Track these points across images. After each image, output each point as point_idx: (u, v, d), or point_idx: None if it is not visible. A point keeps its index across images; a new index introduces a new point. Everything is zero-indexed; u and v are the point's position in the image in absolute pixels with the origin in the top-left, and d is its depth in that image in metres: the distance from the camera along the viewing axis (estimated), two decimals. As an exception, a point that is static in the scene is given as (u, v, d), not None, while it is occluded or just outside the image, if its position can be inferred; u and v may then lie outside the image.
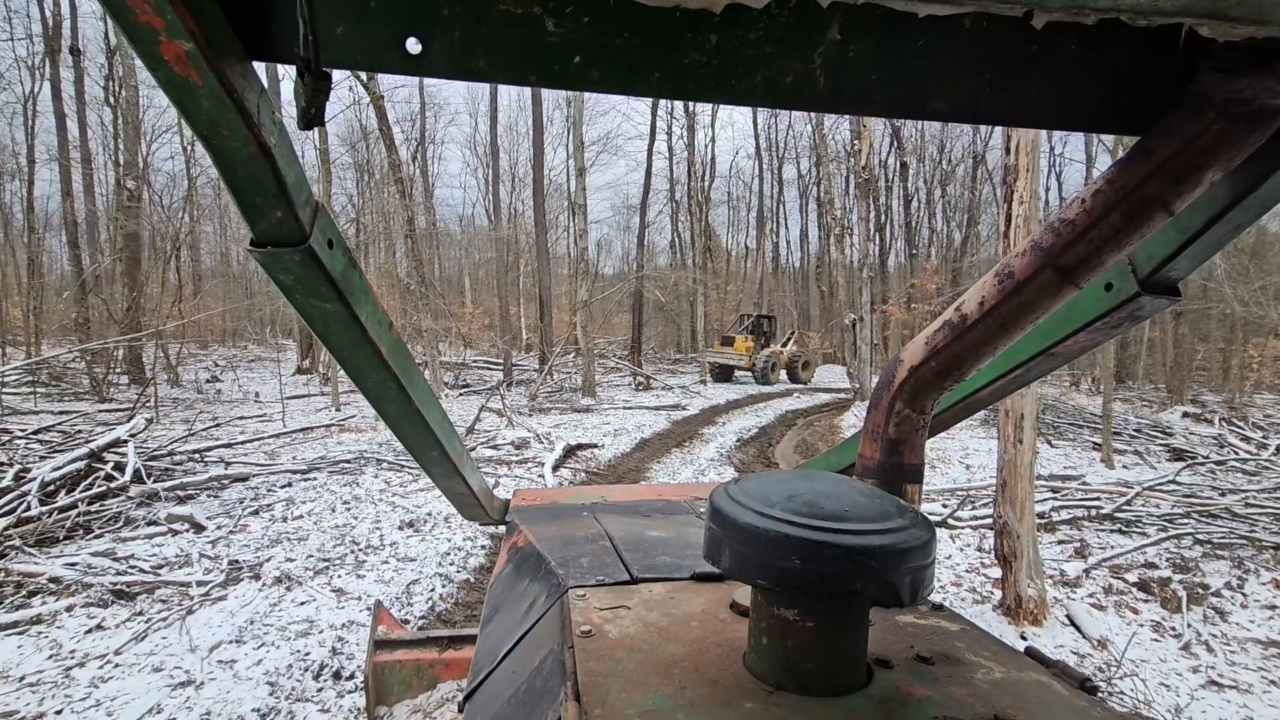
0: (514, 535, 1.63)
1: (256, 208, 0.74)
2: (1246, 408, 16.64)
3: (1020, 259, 0.83)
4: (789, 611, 0.78)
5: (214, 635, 4.16)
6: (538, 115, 22.55)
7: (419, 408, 1.22)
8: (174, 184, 22.65)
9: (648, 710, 0.75)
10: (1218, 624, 4.79)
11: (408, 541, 6.06)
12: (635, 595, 1.08)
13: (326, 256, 0.84)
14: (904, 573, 0.72)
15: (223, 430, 10.66)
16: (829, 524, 0.73)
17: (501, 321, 25.04)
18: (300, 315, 0.95)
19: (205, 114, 0.61)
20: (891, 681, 0.82)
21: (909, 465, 1.03)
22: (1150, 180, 0.70)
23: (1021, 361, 1.19)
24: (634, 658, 0.87)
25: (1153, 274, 0.95)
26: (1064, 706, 0.79)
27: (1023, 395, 4.48)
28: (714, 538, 0.80)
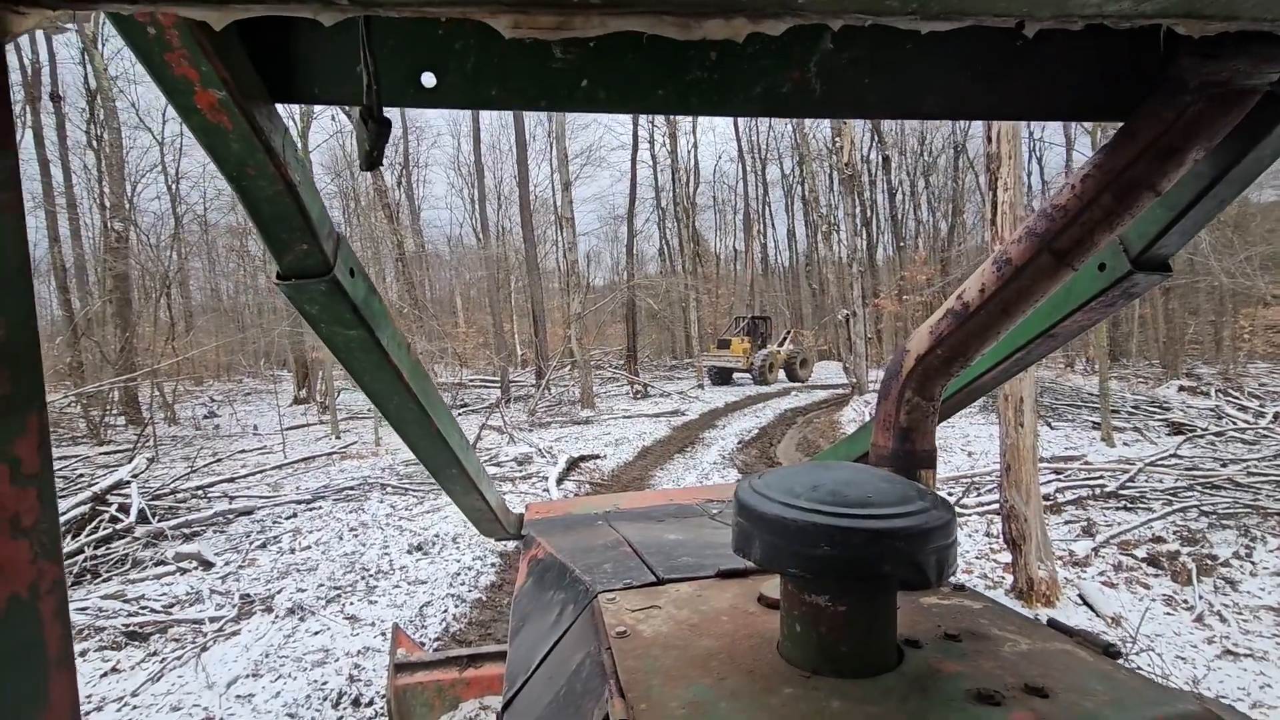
0: (532, 548, 1.65)
1: (283, 243, 0.78)
2: (1241, 377, 16.77)
3: (1016, 245, 0.86)
4: (820, 598, 0.80)
5: (230, 670, 4.14)
6: (520, 132, 22.67)
7: (439, 428, 1.24)
8: (160, 223, 22.63)
9: (691, 702, 0.77)
10: (1229, 594, 4.81)
11: (417, 565, 6.04)
12: (664, 595, 1.10)
13: (349, 285, 0.87)
14: (929, 553, 0.75)
15: (224, 465, 10.62)
16: (854, 510, 0.76)
17: (496, 339, 25.04)
18: (325, 343, 0.99)
19: (235, 156, 0.64)
20: (923, 660, 0.85)
21: (921, 451, 1.06)
22: (1136, 163, 0.72)
23: (1022, 344, 1.22)
24: (670, 654, 0.89)
25: (1144, 252, 0.99)
26: (1090, 672, 0.81)
27: (1021, 379, 4.52)
28: (743, 531, 0.82)
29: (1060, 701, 0.74)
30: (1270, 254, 16.63)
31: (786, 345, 25.89)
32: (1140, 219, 0.93)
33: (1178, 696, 0.76)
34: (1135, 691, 0.76)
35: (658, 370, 30.77)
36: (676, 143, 31.84)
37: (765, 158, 41.16)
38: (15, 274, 0.38)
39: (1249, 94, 0.66)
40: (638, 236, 33.54)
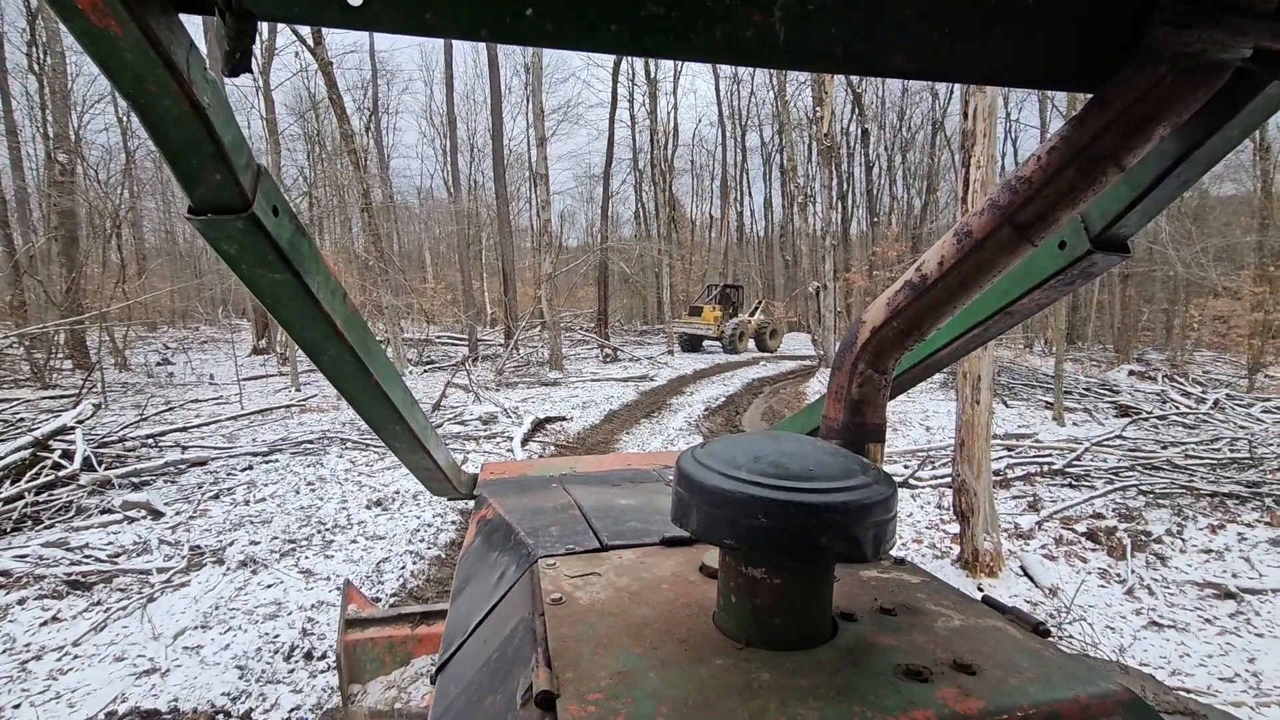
0: (483, 509, 1.63)
1: (193, 171, 0.71)
2: (1187, 365, 17.46)
3: (978, 218, 0.84)
4: (756, 570, 0.80)
5: (178, 622, 4.08)
6: (495, 83, 21.92)
7: (379, 381, 1.19)
8: (110, 158, 21.44)
9: (620, 671, 0.77)
10: (1159, 569, 5.07)
11: (376, 520, 6.00)
12: (605, 562, 1.10)
13: (272, 224, 0.81)
14: (867, 527, 0.75)
15: (176, 414, 10.32)
16: (794, 483, 0.75)
17: (465, 296, 24.62)
18: (248, 286, 0.92)
19: (129, 69, 0.58)
20: (856, 633, 0.86)
21: (871, 425, 1.05)
22: (1104, 135, 0.71)
23: (980, 320, 1.22)
24: (605, 622, 0.89)
25: (1104, 231, 0.98)
26: (1018, 649, 0.83)
27: (979, 358, 4.60)
28: (682, 501, 0.81)
29: (987, 678, 0.76)
30: (1225, 246, 17.22)
31: (757, 315, 26.03)
32: (1102, 197, 0.92)
33: (1102, 676, 0.78)
34: (1061, 669, 0.78)
35: (628, 335, 30.73)
36: (656, 103, 31.23)
37: (746, 124, 40.71)
38: None
39: (1221, 68, 0.65)
40: (613, 198, 33.06)
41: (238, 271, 0.88)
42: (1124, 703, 0.74)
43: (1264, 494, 6.50)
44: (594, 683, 0.74)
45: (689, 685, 0.74)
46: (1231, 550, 5.29)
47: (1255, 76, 0.70)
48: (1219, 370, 17.14)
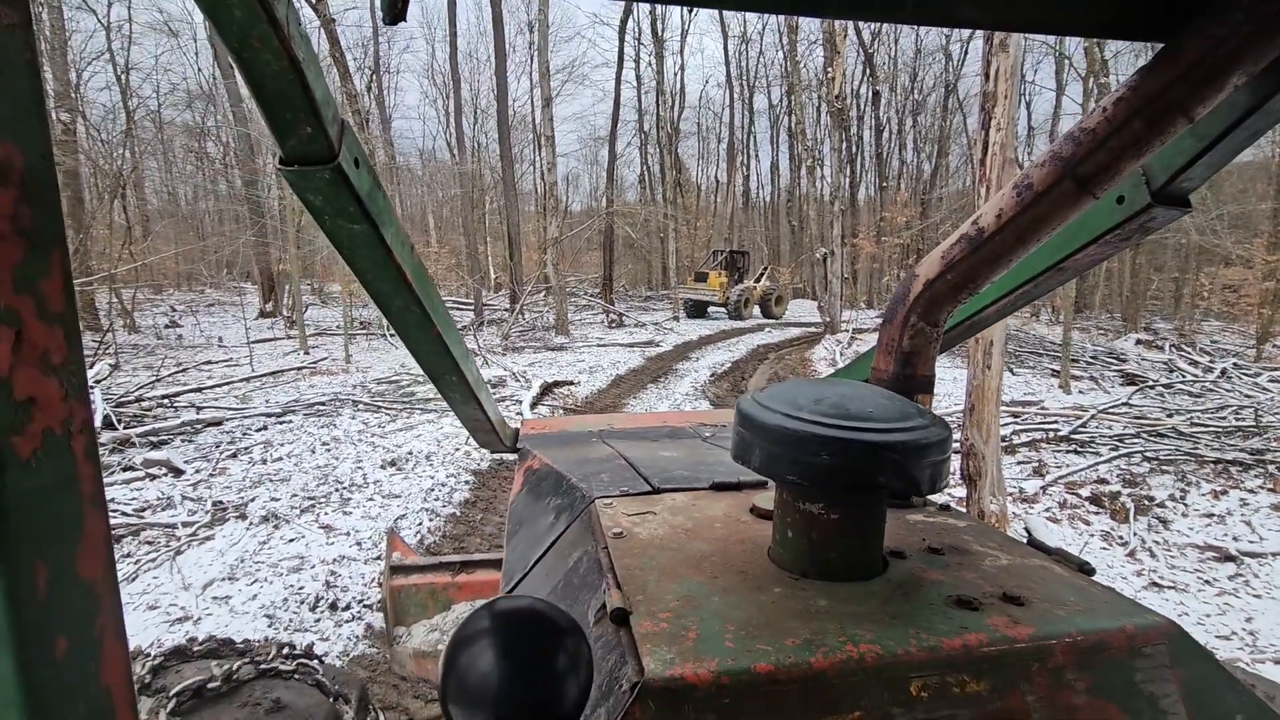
0: (528, 460, 1.69)
1: (287, 124, 0.75)
2: (1195, 334, 17.40)
3: (1039, 169, 0.84)
4: (814, 506, 0.85)
5: (205, 574, 4.21)
6: (499, 41, 21.44)
7: (440, 332, 1.24)
8: (110, 117, 21.16)
9: (685, 595, 0.81)
10: (1161, 532, 5.16)
11: (391, 480, 6.11)
12: (659, 503, 1.14)
13: (354, 175, 0.84)
14: (924, 466, 0.79)
15: (189, 376, 10.43)
16: (855, 423, 0.79)
17: (469, 260, 24.51)
18: (329, 237, 0.97)
19: (238, 25, 0.62)
20: (906, 569, 0.90)
21: (921, 377, 1.08)
22: (1174, 85, 0.70)
23: (1030, 277, 1.22)
24: (665, 554, 0.93)
25: (1166, 185, 0.97)
26: (1065, 585, 0.87)
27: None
28: (744, 440, 0.85)
29: (1035, 609, 0.79)
30: (1239, 213, 16.96)
31: (763, 281, 25.91)
32: (1166, 150, 0.90)
33: (1149, 612, 0.80)
34: (1107, 603, 0.82)
35: (633, 300, 30.65)
36: (663, 63, 30.55)
37: (753, 85, 39.84)
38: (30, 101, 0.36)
39: None
40: (618, 161, 32.58)
41: (320, 222, 0.93)
42: (1169, 634, 0.76)
43: (1267, 461, 6.56)
44: (662, 604, 0.79)
45: (751, 609, 0.78)
46: (1233, 515, 5.38)
47: None
48: (1227, 340, 17.08)
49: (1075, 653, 0.74)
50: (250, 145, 20.65)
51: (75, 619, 0.40)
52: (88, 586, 0.41)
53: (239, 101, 21.44)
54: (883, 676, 0.69)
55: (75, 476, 0.39)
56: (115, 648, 0.43)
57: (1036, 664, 0.72)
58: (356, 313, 17.73)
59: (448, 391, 1.55)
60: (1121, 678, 0.74)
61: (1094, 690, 0.73)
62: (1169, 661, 0.75)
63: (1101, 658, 0.74)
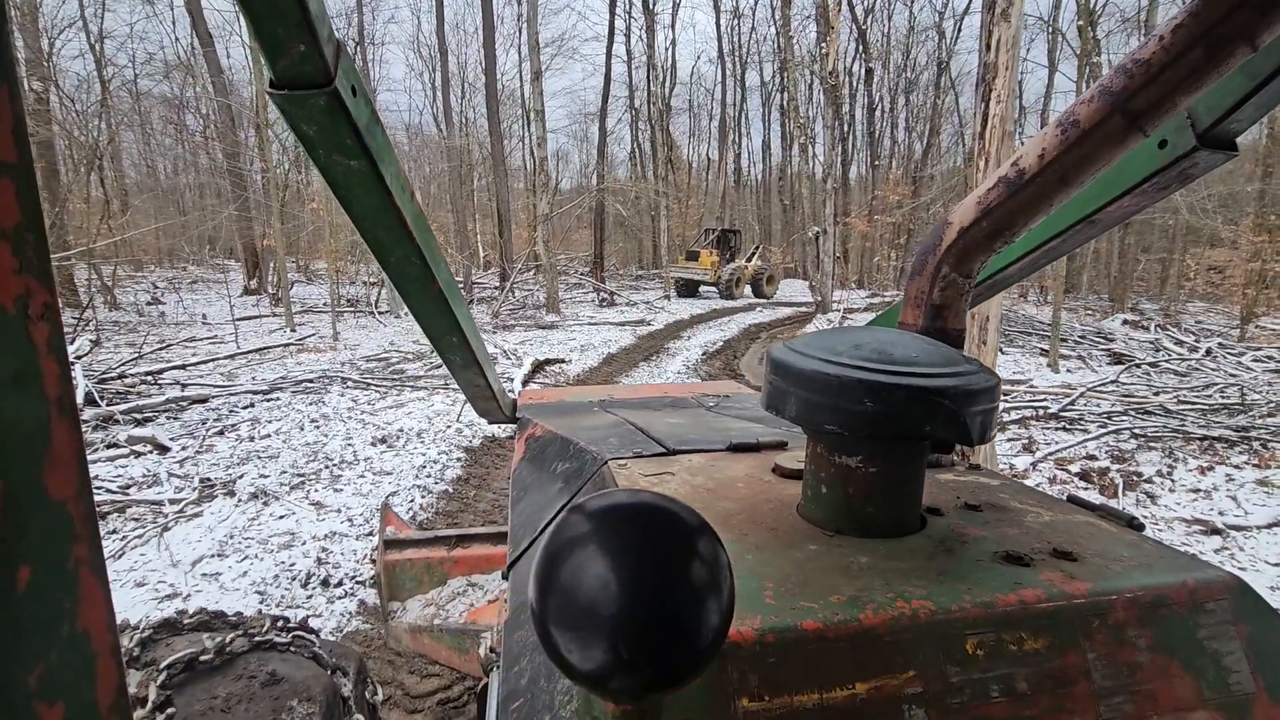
0: (529, 428, 1.65)
1: (278, 40, 0.69)
2: (1181, 315, 17.58)
3: (1086, 106, 0.79)
4: (851, 459, 0.80)
5: (194, 550, 4.15)
6: (487, 12, 20.97)
7: (442, 288, 1.18)
8: (85, 87, 20.54)
9: None
10: (1149, 506, 5.22)
11: (382, 457, 6.05)
12: (676, 464, 1.10)
13: (351, 104, 0.78)
14: (975, 413, 0.75)
15: (173, 352, 10.26)
16: (902, 368, 0.75)
17: (458, 238, 24.23)
18: (323, 174, 0.90)
19: None
20: (945, 525, 0.87)
21: (952, 331, 1.02)
22: (1239, 9, 0.66)
23: (1060, 231, 1.17)
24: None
25: (1213, 127, 0.92)
26: (1115, 540, 0.84)
27: (989, 300, 4.60)
28: (777, 390, 0.81)
29: (1089, 565, 0.76)
30: (1227, 194, 17.05)
31: (754, 261, 25.82)
32: (1214, 90, 0.86)
33: (1210, 566, 0.77)
34: (1163, 559, 0.79)
35: (624, 279, 30.49)
36: (654, 38, 30.05)
37: (746, 61, 39.33)
38: None
39: None
40: (609, 138, 32.17)
41: (314, 156, 0.86)
42: (1232, 588, 0.74)
43: (1252, 438, 6.65)
44: None
45: (787, 566, 0.74)
46: (1219, 490, 5.45)
47: None
48: (1211, 320, 17.27)
49: (1136, 609, 0.71)
50: (231, 117, 20.17)
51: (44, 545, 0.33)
52: (59, 508, 0.34)
53: (219, 72, 20.89)
54: (937, 634, 0.66)
55: (36, 372, 0.32)
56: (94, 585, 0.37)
57: (1096, 620, 0.70)
58: (344, 289, 17.51)
59: (448, 354, 1.48)
60: (1184, 634, 0.72)
61: (1155, 647, 0.71)
62: (1231, 617, 0.73)
63: (1163, 613, 0.72)
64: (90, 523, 0.37)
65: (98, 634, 0.38)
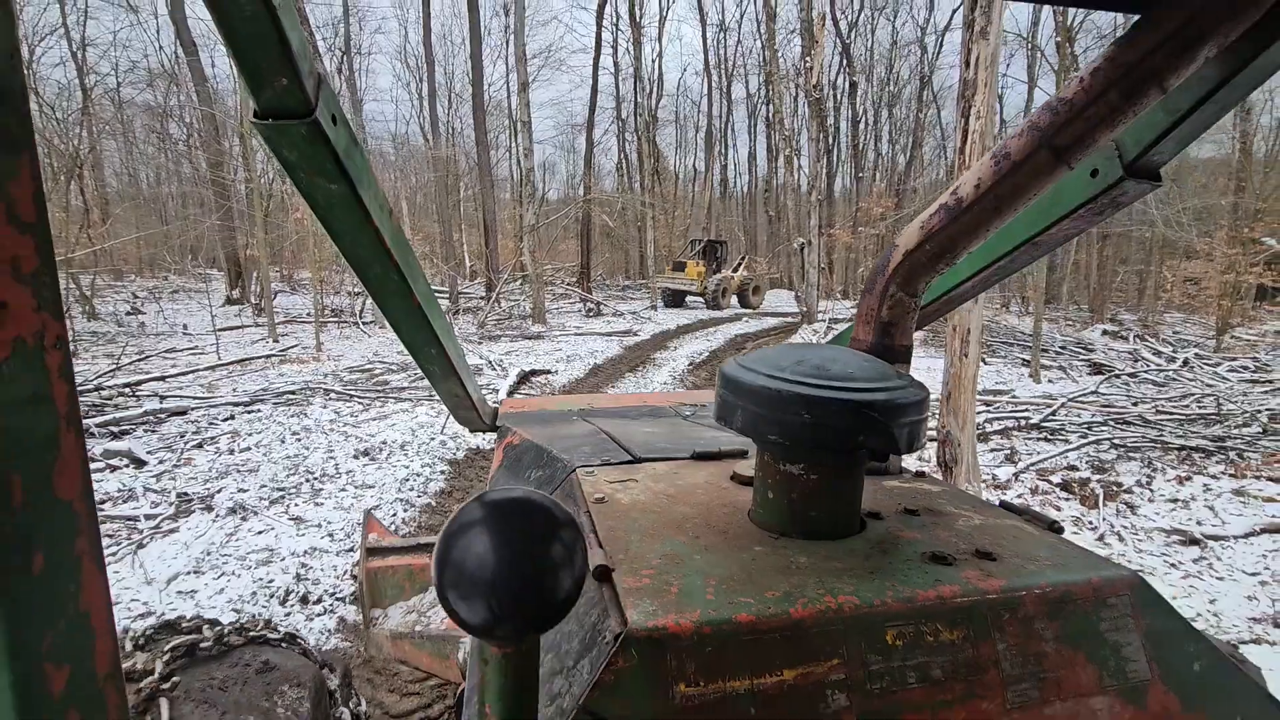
0: (507, 436, 1.70)
1: (261, 73, 0.72)
2: (1158, 325, 17.88)
3: (1017, 140, 0.86)
4: (795, 466, 0.87)
5: (170, 567, 4.07)
6: (474, 23, 21.02)
7: (420, 303, 1.21)
8: (65, 94, 20.30)
9: (667, 554, 0.83)
10: (1129, 517, 5.28)
11: (364, 470, 5.99)
12: (640, 471, 1.17)
13: (331, 132, 0.82)
14: (902, 425, 0.81)
15: (152, 364, 10.11)
16: (836, 383, 0.82)
17: (444, 248, 24.16)
18: (305, 197, 0.94)
19: None
20: (883, 528, 0.93)
21: (899, 346, 1.10)
22: (1150, 57, 0.72)
23: (1006, 252, 1.24)
24: (647, 517, 0.94)
25: (1138, 158, 1.00)
26: (1035, 542, 0.90)
27: (969, 311, 4.65)
28: (726, 403, 0.87)
29: (1007, 564, 0.83)
30: (1201, 207, 17.42)
31: (740, 271, 25.95)
32: (1138, 124, 0.94)
33: (1113, 565, 0.83)
34: (1075, 558, 0.85)
35: (610, 289, 30.52)
36: (641, 50, 30.27)
37: (732, 74, 39.73)
38: None
39: None
40: (596, 149, 32.30)
41: (295, 180, 0.90)
42: (1132, 585, 0.80)
43: (1229, 448, 6.76)
44: (644, 562, 0.80)
45: (732, 566, 0.80)
46: (1197, 500, 5.52)
47: None
48: (1188, 331, 17.58)
49: (1044, 603, 0.77)
50: (216, 126, 20.02)
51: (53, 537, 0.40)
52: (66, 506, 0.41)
53: (203, 81, 20.75)
54: (860, 626, 0.72)
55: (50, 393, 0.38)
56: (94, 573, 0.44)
57: (1007, 614, 0.76)
58: (328, 300, 17.36)
59: (427, 365, 1.52)
60: (1087, 626, 0.78)
61: (1061, 639, 0.76)
62: (1131, 611, 0.79)
63: (1068, 608, 0.78)
64: (92, 520, 0.43)
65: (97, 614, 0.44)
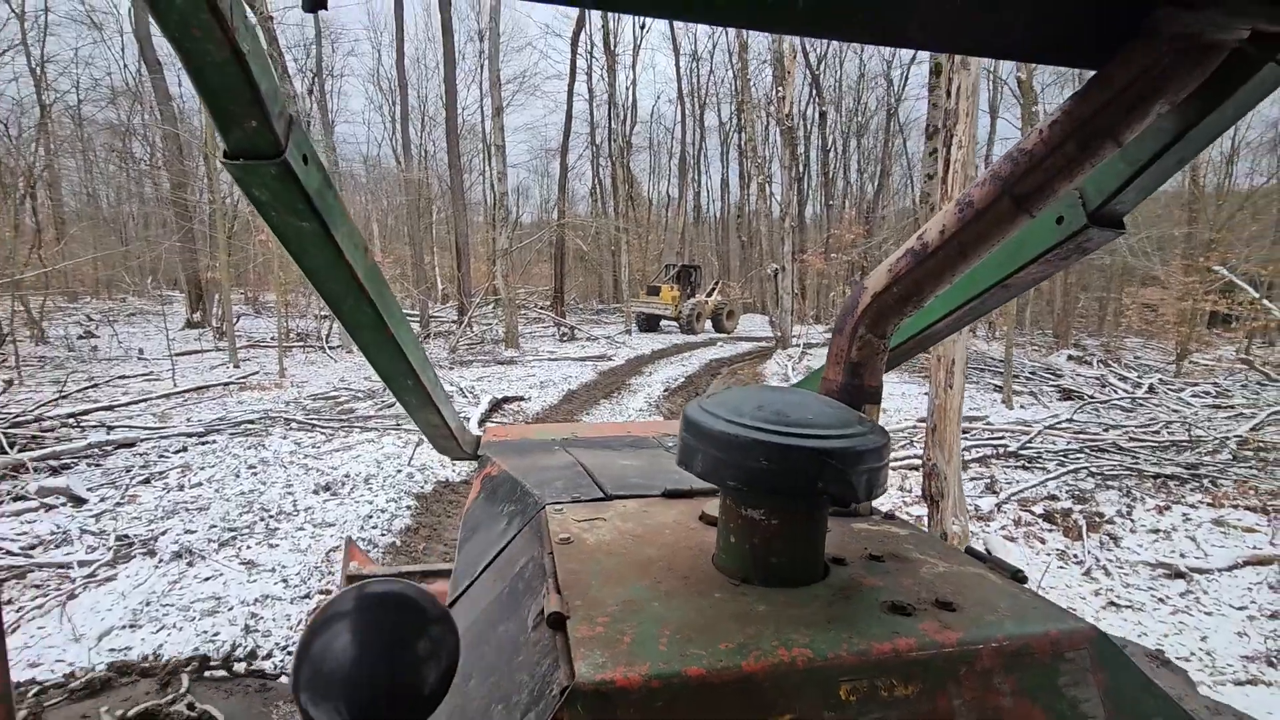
0: (487, 466, 1.70)
1: (230, 116, 0.73)
2: (1119, 350, 18.31)
3: (980, 188, 0.87)
4: (756, 512, 0.86)
5: (103, 621, 3.72)
6: (449, 48, 20.98)
7: (394, 334, 1.21)
8: (21, 111, 19.62)
9: (625, 600, 0.82)
10: (1112, 549, 5.21)
11: (324, 506, 5.66)
12: (610, 509, 1.15)
13: (302, 172, 0.82)
14: (861, 472, 0.80)
15: (101, 391, 9.60)
16: (794, 429, 0.80)
17: (415, 271, 23.79)
18: (275, 234, 0.93)
19: (177, 13, 0.60)
20: (846, 575, 0.92)
21: (869, 387, 1.10)
22: (1104, 111, 0.74)
23: (977, 294, 1.26)
24: (611, 559, 0.94)
25: (1101, 207, 1.01)
26: (997, 591, 0.89)
27: (954, 341, 4.58)
28: (688, 446, 0.86)
29: (966, 614, 0.81)
30: (1157, 236, 18.02)
31: (714, 296, 26.03)
32: (1100, 173, 0.96)
33: (1073, 618, 0.82)
34: (1035, 610, 0.84)
35: (585, 314, 30.36)
36: (616, 77, 30.57)
37: (705, 102, 40.36)
38: None
39: (1219, 48, 0.67)
40: (570, 173, 32.35)
41: (267, 218, 0.89)
42: (1091, 639, 0.79)
43: (1202, 475, 6.80)
44: (601, 609, 0.79)
45: (690, 613, 0.79)
46: (1178, 530, 5.49)
47: (1251, 58, 0.72)
48: (1148, 355, 18.04)
49: (1001, 656, 0.76)
50: (179, 146, 19.52)
51: None
52: None
53: (167, 100, 20.29)
54: (813, 680, 0.70)
55: None
56: None
57: (964, 667, 0.74)
58: (293, 323, 16.86)
59: (404, 396, 1.52)
60: (1045, 681, 0.77)
61: (1018, 693, 0.75)
62: (1090, 666, 0.78)
63: (1026, 661, 0.77)
64: None
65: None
